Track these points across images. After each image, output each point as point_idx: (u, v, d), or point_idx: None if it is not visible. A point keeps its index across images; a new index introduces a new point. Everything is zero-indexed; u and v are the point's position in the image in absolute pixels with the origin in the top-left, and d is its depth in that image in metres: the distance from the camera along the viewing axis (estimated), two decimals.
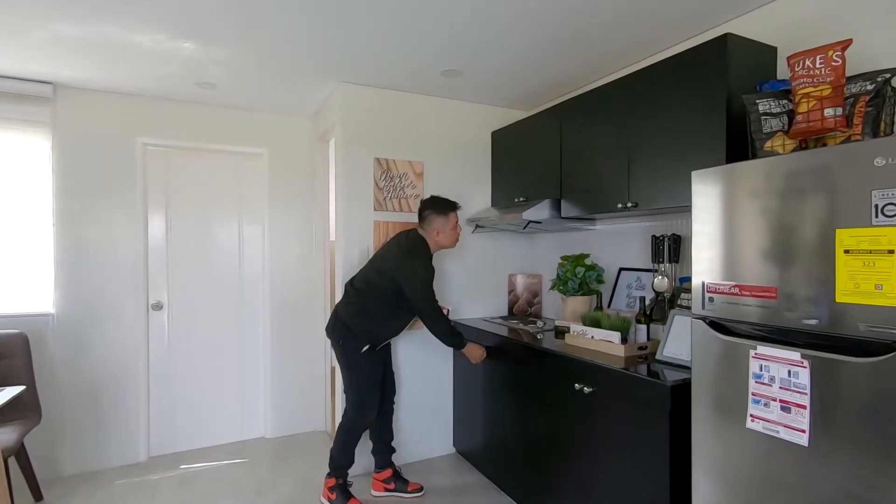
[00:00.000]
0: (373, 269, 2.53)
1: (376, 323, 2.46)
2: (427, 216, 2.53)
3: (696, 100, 1.89)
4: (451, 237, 2.55)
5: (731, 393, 1.45)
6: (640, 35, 2.25)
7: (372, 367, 2.49)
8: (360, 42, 2.34)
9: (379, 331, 2.48)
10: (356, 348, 2.44)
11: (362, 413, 2.47)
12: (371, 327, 2.45)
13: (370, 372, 2.48)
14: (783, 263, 1.31)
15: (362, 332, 2.44)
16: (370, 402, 2.48)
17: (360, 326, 2.44)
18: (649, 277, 2.45)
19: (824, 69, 1.48)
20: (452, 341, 2.47)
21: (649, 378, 1.74)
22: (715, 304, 1.50)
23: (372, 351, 2.47)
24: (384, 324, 2.48)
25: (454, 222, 2.54)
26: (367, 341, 2.45)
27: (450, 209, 2.53)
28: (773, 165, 1.37)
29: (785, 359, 1.30)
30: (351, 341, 2.45)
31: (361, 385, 2.46)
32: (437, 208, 2.52)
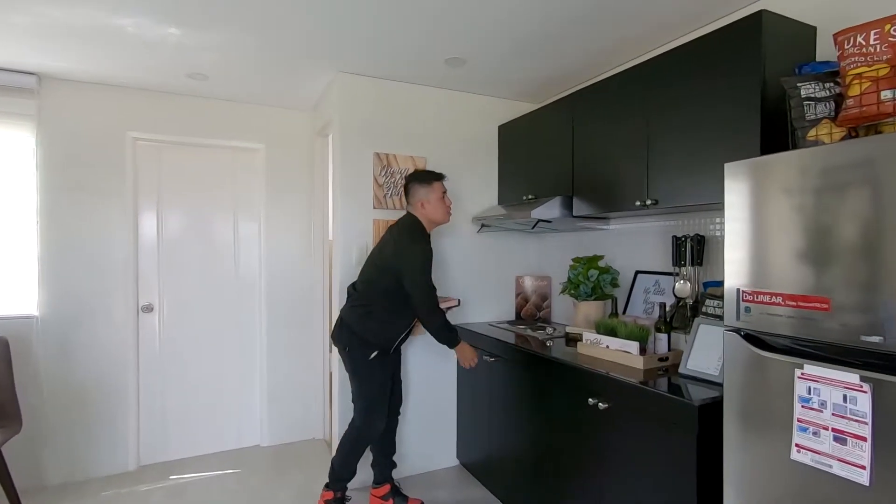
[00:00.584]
0: (371, 266, 2.36)
1: (383, 323, 2.29)
2: (411, 189, 2.40)
3: (726, 85, 1.70)
4: (439, 208, 2.37)
5: (772, 418, 1.26)
6: (661, 16, 2.06)
7: (381, 374, 2.31)
8: (359, 28, 2.17)
9: (386, 332, 2.30)
10: (364, 355, 2.27)
11: (370, 424, 2.30)
12: (378, 329, 2.28)
13: (380, 380, 2.31)
14: (839, 269, 1.12)
15: (369, 337, 2.27)
16: (379, 412, 2.31)
17: (366, 330, 2.27)
18: (669, 281, 2.26)
19: (880, 45, 1.29)
20: (446, 337, 2.28)
21: (673, 396, 1.56)
22: (752, 315, 1.31)
23: (381, 357, 2.30)
24: (391, 324, 2.31)
25: (440, 192, 2.38)
26: (376, 347, 2.28)
27: (433, 178, 2.38)
28: (816, 156, 1.18)
29: (840, 381, 1.12)
30: (358, 348, 2.28)
31: (370, 394, 2.29)
32: (420, 178, 2.38)
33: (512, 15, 2.05)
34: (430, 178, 2.38)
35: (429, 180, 2.37)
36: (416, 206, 2.37)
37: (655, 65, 1.98)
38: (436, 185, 2.37)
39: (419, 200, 2.36)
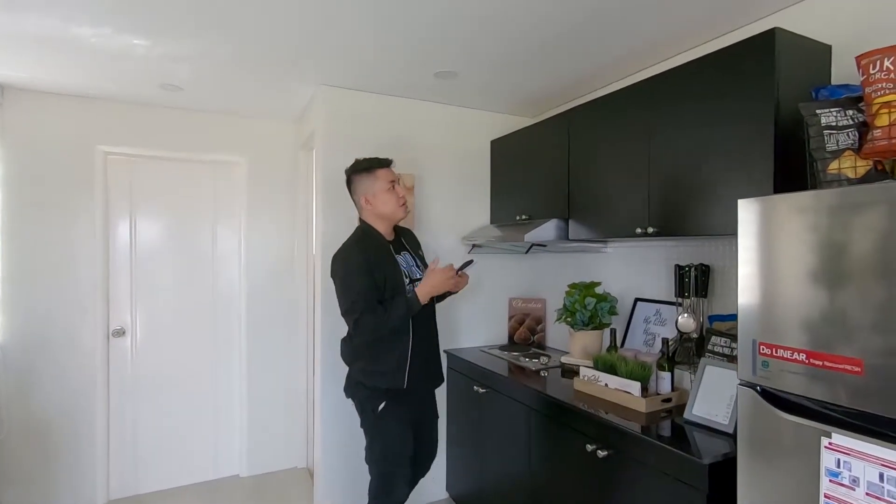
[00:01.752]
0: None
1: (370, 360, 1.88)
2: (352, 183, 1.99)
3: (736, 106, 1.57)
4: (387, 201, 1.93)
5: (794, 488, 1.12)
6: (661, 30, 1.93)
7: (397, 429, 1.87)
8: (342, 41, 2.03)
9: (380, 371, 1.86)
10: (371, 408, 1.88)
11: (388, 493, 1.89)
12: (369, 369, 1.89)
13: (393, 437, 1.87)
14: (875, 327, 0.99)
15: (369, 382, 1.89)
16: (397, 476, 1.88)
17: (361, 373, 1.91)
18: (670, 311, 2.12)
19: None
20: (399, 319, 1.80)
21: (681, 452, 1.42)
22: (770, 371, 1.17)
23: (394, 407, 1.86)
24: (377, 358, 1.87)
25: (386, 182, 1.94)
26: (381, 395, 1.86)
27: (377, 165, 1.96)
28: (847, 197, 1.04)
29: (875, 457, 0.98)
30: (365, 400, 1.90)
31: (385, 456, 1.88)
32: (360, 167, 1.97)
33: (504, 28, 1.91)
34: (371, 166, 1.96)
35: (370, 168, 1.95)
36: (361, 205, 1.97)
37: (658, 83, 1.85)
38: (380, 174, 1.95)
39: (362, 195, 1.96)
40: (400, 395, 1.87)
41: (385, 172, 1.98)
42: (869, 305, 1.00)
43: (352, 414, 2.61)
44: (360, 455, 2.64)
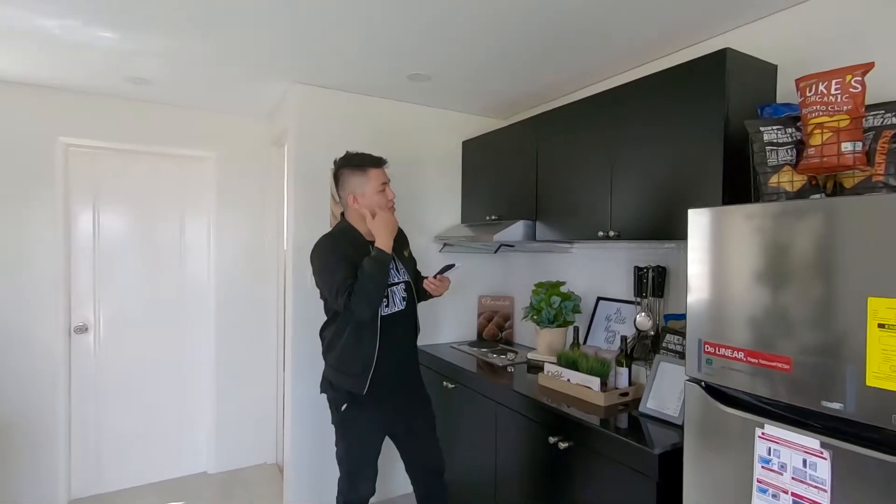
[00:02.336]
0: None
1: (339, 359, 1.84)
2: (340, 177, 1.88)
3: (689, 121, 1.67)
4: (371, 201, 1.83)
5: (732, 474, 1.23)
6: (625, 45, 2.03)
7: (357, 432, 1.85)
8: (315, 40, 2.04)
9: (345, 372, 1.82)
10: (336, 406, 1.87)
11: (353, 486, 1.88)
12: (337, 367, 1.85)
13: (354, 439, 1.85)
14: (801, 330, 1.10)
15: (335, 381, 1.87)
16: (360, 474, 1.87)
17: (331, 370, 1.89)
18: (630, 310, 2.24)
19: (841, 96, 1.28)
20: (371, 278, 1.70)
21: (634, 443, 1.52)
22: (713, 368, 1.28)
23: (355, 410, 1.83)
24: (345, 359, 1.81)
25: (378, 183, 1.85)
26: (344, 396, 1.83)
27: (370, 163, 1.86)
28: (782, 212, 1.15)
29: (800, 445, 1.09)
30: (331, 398, 1.89)
31: (345, 455, 1.88)
32: (352, 162, 1.86)
33: (475, 36, 1.97)
34: (363, 164, 1.85)
35: (362, 166, 1.85)
36: (348, 202, 1.86)
37: (619, 94, 1.95)
38: (373, 174, 1.85)
39: (350, 193, 1.85)
40: (362, 401, 1.82)
41: (377, 173, 1.88)
42: (795, 312, 1.11)
43: (322, 410, 2.65)
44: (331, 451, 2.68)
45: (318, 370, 2.64)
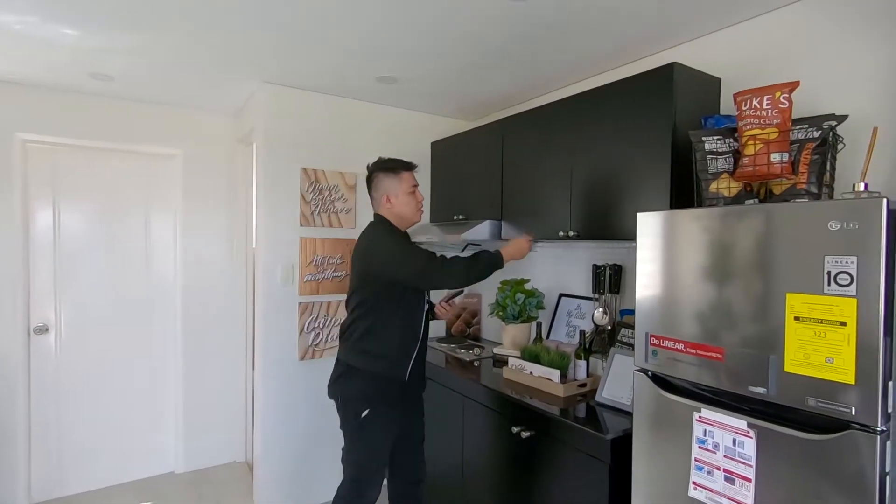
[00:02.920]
0: (355, 280, 1.96)
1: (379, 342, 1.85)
2: (375, 179, 1.98)
3: (640, 129, 1.79)
4: (408, 203, 1.96)
5: (674, 455, 1.35)
6: (585, 56, 2.14)
7: (378, 438, 1.87)
8: (286, 42, 2.07)
9: (392, 349, 1.86)
10: (356, 412, 1.85)
11: (359, 492, 1.89)
12: (375, 350, 1.85)
13: (375, 444, 1.87)
14: (732, 323, 1.22)
15: (365, 366, 1.85)
16: (372, 481, 1.90)
17: (368, 358, 1.85)
18: (590, 306, 2.36)
19: (771, 111, 1.41)
20: (481, 270, 1.83)
21: (589, 430, 1.63)
22: (659, 359, 1.40)
23: (377, 415, 1.85)
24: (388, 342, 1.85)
25: (410, 185, 1.98)
26: (368, 398, 1.84)
27: (403, 167, 1.98)
28: (717, 216, 1.27)
29: (730, 426, 1.21)
30: (350, 401, 1.87)
31: (360, 460, 1.88)
32: (386, 166, 1.98)
33: (440, 42, 2.04)
34: (398, 167, 1.98)
35: (396, 169, 1.97)
36: (381, 202, 1.97)
37: (577, 102, 2.05)
38: (405, 176, 1.98)
39: (384, 194, 1.96)
40: (389, 397, 1.86)
41: (409, 176, 1.99)
42: (727, 308, 1.23)
43: (292, 408, 2.69)
44: (300, 449, 2.72)
45: (288, 369, 2.69)
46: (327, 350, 2.76)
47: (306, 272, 2.69)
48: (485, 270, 1.83)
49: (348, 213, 2.82)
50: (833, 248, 1.04)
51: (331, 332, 2.78)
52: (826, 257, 1.05)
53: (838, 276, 1.03)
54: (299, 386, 2.69)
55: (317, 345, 2.74)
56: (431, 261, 1.80)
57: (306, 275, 2.69)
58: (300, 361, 2.70)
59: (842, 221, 1.03)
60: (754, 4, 1.70)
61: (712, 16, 1.79)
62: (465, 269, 1.80)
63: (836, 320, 1.03)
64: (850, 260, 1.02)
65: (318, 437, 2.75)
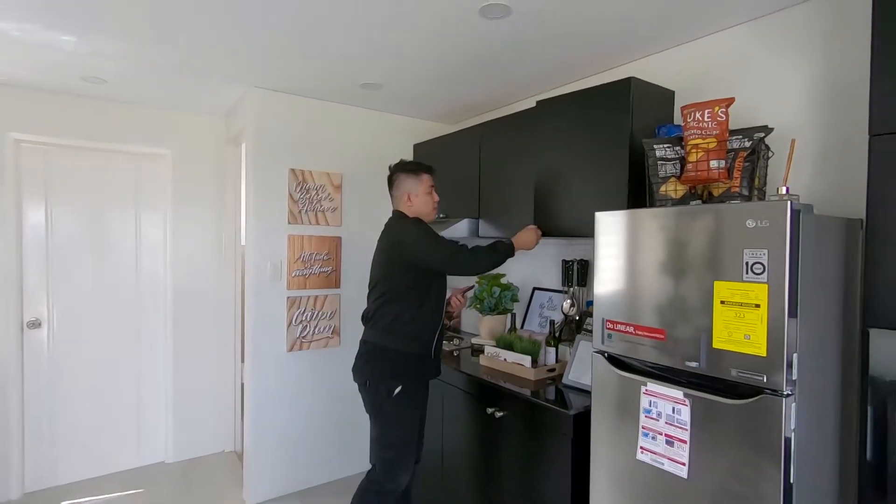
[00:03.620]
0: (377, 279, 2.09)
1: (413, 318, 1.98)
2: (396, 180, 2.15)
3: (601, 136, 1.98)
4: (426, 203, 2.14)
5: (626, 425, 1.54)
6: (555, 67, 2.32)
7: (410, 416, 1.98)
8: (271, 49, 2.20)
9: (423, 326, 2.00)
10: (388, 390, 1.95)
11: (392, 476, 1.98)
12: (409, 327, 1.98)
13: (407, 423, 1.98)
14: (672, 308, 1.41)
15: (397, 345, 1.98)
16: (404, 462, 1.98)
17: (397, 337, 1.98)
18: (560, 298, 2.55)
19: (711, 123, 1.60)
20: (499, 257, 2.02)
21: (555, 406, 1.81)
22: (613, 341, 1.59)
23: (408, 393, 1.97)
24: (422, 320, 2.00)
25: (428, 186, 2.14)
26: (401, 375, 1.97)
27: (423, 170, 2.15)
28: (663, 216, 1.46)
29: (670, 396, 1.41)
30: (381, 380, 1.97)
31: (395, 441, 1.97)
32: (408, 168, 2.14)
33: (423, 54, 2.20)
34: (418, 170, 2.14)
35: (417, 171, 2.13)
36: (402, 200, 2.12)
37: (545, 110, 2.22)
38: (424, 178, 2.14)
39: (405, 193, 2.11)
40: (419, 373, 2.01)
41: (428, 177, 2.16)
42: (670, 293, 1.42)
43: (281, 398, 2.83)
44: (289, 437, 2.86)
45: (277, 360, 2.83)
46: (314, 342, 2.91)
47: (294, 268, 2.82)
48: (501, 258, 2.02)
49: (334, 211, 2.96)
50: (750, 242, 1.24)
51: (318, 325, 2.92)
52: (744, 250, 1.24)
53: (753, 265, 1.23)
54: (288, 376, 2.83)
55: (304, 337, 2.88)
56: (458, 249, 1.98)
57: (294, 270, 2.82)
58: (288, 353, 2.83)
59: (756, 220, 1.22)
60: (700, 26, 1.90)
61: (667, 35, 1.98)
62: (487, 257, 1.99)
63: (752, 303, 1.23)
64: (762, 252, 1.21)
65: (306, 425, 2.90)
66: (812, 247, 1.25)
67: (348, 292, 3.03)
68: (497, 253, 2.02)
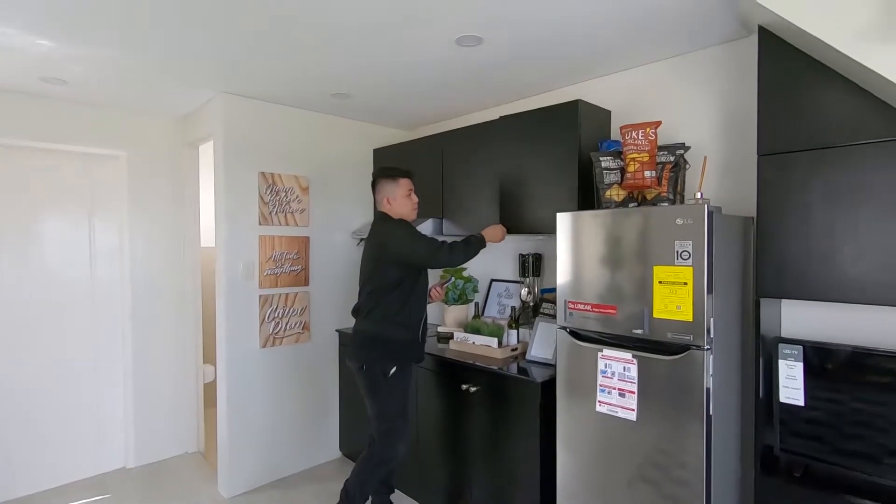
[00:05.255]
0: (367, 269, 2.31)
1: (400, 312, 2.23)
2: (377, 185, 2.37)
3: (554, 148, 2.34)
4: (405, 205, 2.34)
5: (585, 385, 1.90)
6: (509, 86, 2.65)
7: (402, 391, 2.25)
8: (243, 60, 2.30)
9: (410, 316, 2.25)
10: (383, 371, 2.20)
11: (391, 447, 2.22)
12: (398, 319, 2.23)
13: (400, 397, 2.24)
14: (621, 289, 1.79)
15: (388, 332, 2.23)
16: (401, 433, 2.23)
17: (388, 324, 2.22)
18: (516, 287, 2.90)
19: (644, 140, 2.01)
20: (474, 249, 2.26)
21: (523, 377, 2.15)
22: (574, 318, 1.94)
23: (400, 372, 2.24)
24: (410, 310, 2.25)
25: (407, 189, 2.35)
26: (395, 358, 2.23)
27: (400, 174, 2.35)
28: (611, 215, 1.84)
29: (621, 358, 1.78)
30: (376, 363, 2.21)
31: (391, 413, 2.22)
32: (387, 174, 2.35)
33: (393, 72, 2.44)
34: (396, 174, 2.35)
35: (395, 176, 2.34)
36: (383, 203, 2.34)
37: (505, 124, 2.56)
38: (402, 182, 2.34)
39: (385, 196, 2.33)
40: (408, 356, 2.27)
41: (406, 181, 2.35)
42: (619, 276, 1.79)
43: (254, 392, 2.94)
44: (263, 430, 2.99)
45: (250, 357, 2.93)
46: (286, 337, 3.04)
47: (266, 267, 2.94)
48: (475, 251, 2.27)
49: (303, 212, 3.10)
50: (679, 235, 1.63)
51: (289, 321, 3.05)
52: (675, 241, 1.64)
53: (682, 253, 1.62)
54: (261, 371, 2.94)
55: (276, 333, 3.00)
56: (440, 246, 2.22)
57: (266, 269, 2.94)
58: (261, 349, 2.94)
59: (683, 218, 1.62)
60: (631, 60, 2.31)
61: (605, 64, 2.37)
62: (463, 251, 2.24)
63: (681, 281, 1.62)
64: (688, 243, 1.61)
65: (279, 418, 3.02)
66: (721, 238, 1.67)
67: (316, 289, 3.18)
68: (471, 246, 2.27)
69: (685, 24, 1.94)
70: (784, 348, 1.67)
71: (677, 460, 1.66)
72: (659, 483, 1.70)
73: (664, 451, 1.69)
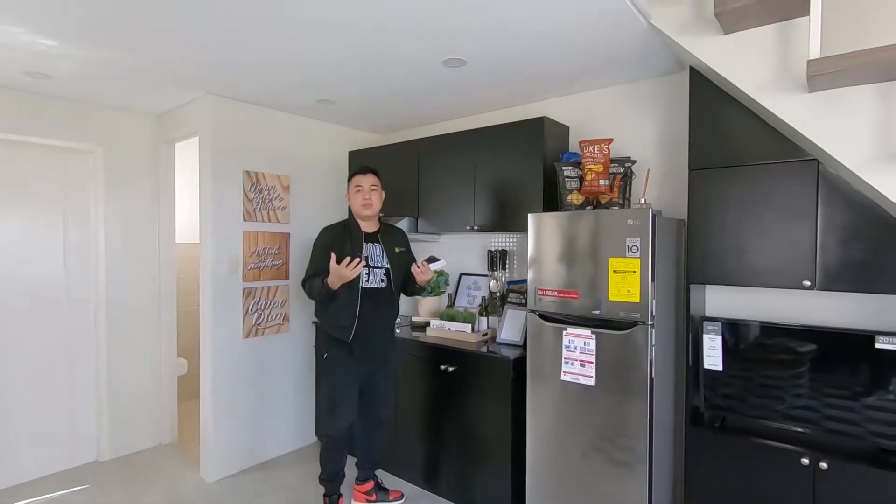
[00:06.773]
0: None
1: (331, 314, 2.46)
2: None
3: (523, 158, 2.68)
4: (353, 200, 2.53)
5: (551, 360, 2.25)
6: (485, 101, 2.98)
7: (334, 374, 2.48)
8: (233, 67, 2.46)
9: (334, 318, 2.45)
10: (319, 354, 2.58)
11: (331, 422, 2.48)
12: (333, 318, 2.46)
13: (332, 381, 2.48)
14: (582, 277, 2.15)
15: (326, 326, 2.50)
16: (337, 412, 2.46)
17: (327, 321, 2.50)
18: (484, 280, 3.23)
19: (599, 154, 2.39)
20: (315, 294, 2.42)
21: (496, 355, 2.47)
22: (542, 302, 2.29)
23: (335, 359, 2.47)
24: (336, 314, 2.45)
25: (355, 186, 2.52)
26: (325, 346, 2.51)
27: (354, 173, 2.58)
28: (573, 216, 2.20)
29: (582, 335, 2.15)
30: (317, 347, 2.61)
31: (324, 392, 2.56)
32: (350, 173, 2.61)
33: (384, 83, 2.69)
34: (352, 174, 2.59)
35: (351, 175, 2.59)
36: (347, 199, 2.61)
37: (479, 134, 2.88)
38: (353, 180, 2.55)
39: (347, 193, 2.61)
40: (345, 348, 2.45)
41: (356, 178, 2.53)
42: (579, 266, 2.16)
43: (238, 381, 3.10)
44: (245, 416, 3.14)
45: (234, 347, 3.09)
46: (268, 328, 3.20)
47: (250, 261, 3.08)
48: (317, 294, 2.41)
49: (284, 210, 3.27)
50: (630, 233, 2.01)
51: (270, 313, 3.21)
52: (626, 238, 2.02)
53: (631, 247, 2.01)
54: (244, 360, 3.09)
55: (259, 324, 3.15)
56: (309, 275, 2.48)
57: (250, 264, 3.08)
58: (244, 339, 3.09)
59: (633, 219, 2.00)
60: (587, 84, 2.70)
61: (565, 86, 2.75)
62: (309, 289, 2.47)
63: (631, 270, 2.01)
64: (637, 239, 1.99)
65: (261, 405, 3.17)
66: (661, 236, 2.07)
67: (296, 283, 3.36)
68: (314, 290, 2.41)
69: (633, 59, 2.34)
70: (707, 325, 2.09)
71: (628, 415, 2.04)
72: (616, 429, 2.08)
73: (618, 407, 2.06)
